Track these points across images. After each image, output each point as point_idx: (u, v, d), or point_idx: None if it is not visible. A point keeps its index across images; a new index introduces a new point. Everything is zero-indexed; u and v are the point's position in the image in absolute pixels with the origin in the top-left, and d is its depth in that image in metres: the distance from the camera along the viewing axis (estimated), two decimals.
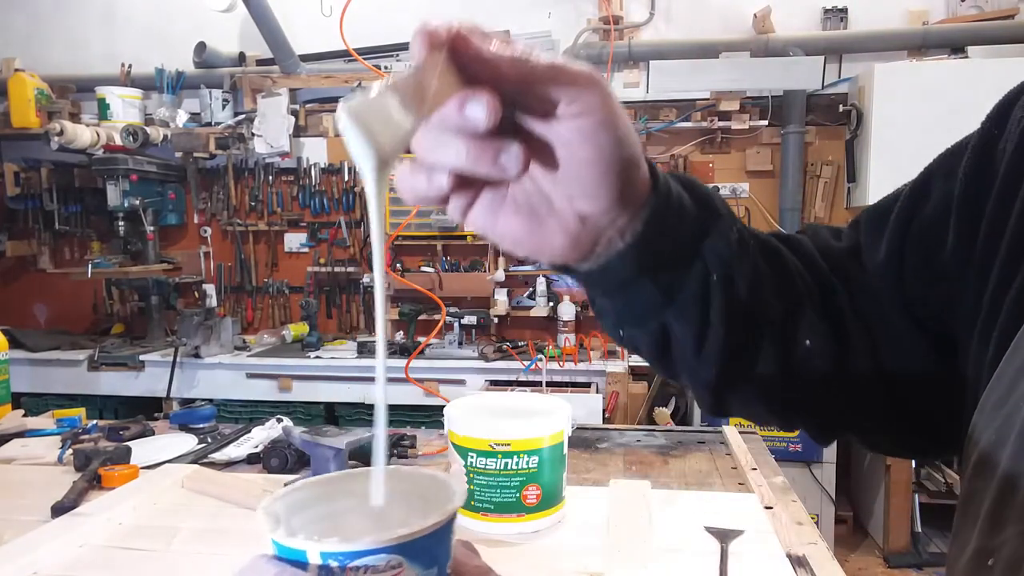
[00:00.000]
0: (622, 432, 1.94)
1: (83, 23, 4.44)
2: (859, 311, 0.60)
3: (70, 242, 4.52)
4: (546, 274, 4.03)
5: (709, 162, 3.97)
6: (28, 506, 1.32)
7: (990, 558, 0.43)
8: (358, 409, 3.66)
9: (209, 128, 4.14)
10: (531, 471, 1.18)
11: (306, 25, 4.17)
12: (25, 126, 4.09)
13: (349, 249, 4.29)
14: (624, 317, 0.57)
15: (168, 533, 1.21)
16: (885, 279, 0.60)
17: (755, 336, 0.57)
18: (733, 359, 0.56)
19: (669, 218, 0.51)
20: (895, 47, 3.72)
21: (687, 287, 0.53)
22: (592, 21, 3.98)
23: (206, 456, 1.67)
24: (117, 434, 1.76)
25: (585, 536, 1.18)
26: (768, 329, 0.57)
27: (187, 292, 4.42)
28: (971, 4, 3.75)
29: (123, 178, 3.87)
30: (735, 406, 0.63)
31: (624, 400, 3.43)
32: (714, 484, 1.52)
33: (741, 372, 0.58)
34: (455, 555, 0.46)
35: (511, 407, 1.29)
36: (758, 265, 0.56)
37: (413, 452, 1.68)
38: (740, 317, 0.55)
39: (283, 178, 4.35)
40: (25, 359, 3.79)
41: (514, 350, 3.68)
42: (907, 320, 0.59)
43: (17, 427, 1.84)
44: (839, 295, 0.61)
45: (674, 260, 0.52)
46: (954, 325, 0.56)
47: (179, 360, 3.67)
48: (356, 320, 4.32)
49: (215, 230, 4.43)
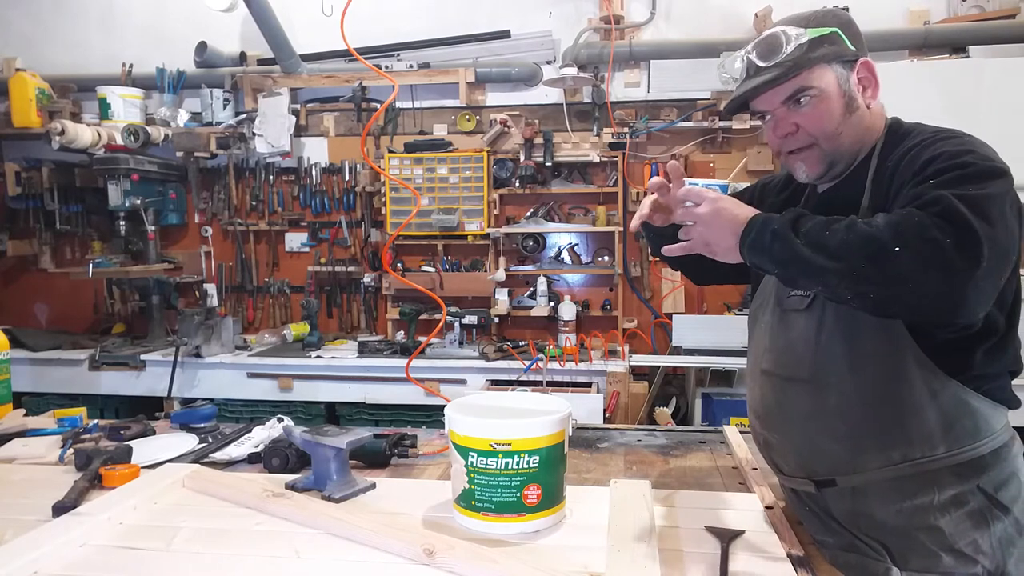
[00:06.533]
0: (623, 432, 1.94)
1: (84, 23, 4.45)
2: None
3: (71, 242, 4.52)
4: (546, 274, 4.03)
5: (710, 162, 3.97)
6: (29, 505, 1.33)
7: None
8: (359, 409, 3.66)
9: (210, 128, 4.14)
10: (531, 471, 1.18)
11: (307, 25, 4.18)
12: (26, 126, 4.09)
13: (350, 249, 4.29)
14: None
15: (168, 533, 1.21)
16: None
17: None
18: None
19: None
20: (896, 47, 3.71)
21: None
22: (593, 21, 3.98)
23: (207, 456, 1.68)
24: (118, 434, 1.76)
25: (585, 536, 1.18)
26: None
27: (188, 292, 4.42)
28: (972, 4, 3.74)
29: (124, 178, 3.87)
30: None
31: (625, 400, 3.43)
32: (714, 484, 1.52)
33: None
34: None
35: (511, 407, 1.29)
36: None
37: (414, 452, 1.69)
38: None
39: (284, 178, 4.35)
40: (26, 359, 3.79)
41: (515, 350, 3.68)
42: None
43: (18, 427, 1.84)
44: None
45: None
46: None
47: (180, 360, 3.67)
48: (357, 320, 4.32)
49: (216, 230, 4.44)
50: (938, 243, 0.95)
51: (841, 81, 1.19)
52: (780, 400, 1.30)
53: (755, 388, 1.37)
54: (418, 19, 4.14)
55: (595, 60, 3.94)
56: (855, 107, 1.20)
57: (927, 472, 1.15)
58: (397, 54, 4.12)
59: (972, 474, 1.15)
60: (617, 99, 4.02)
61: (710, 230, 1.12)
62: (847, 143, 1.21)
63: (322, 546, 1.16)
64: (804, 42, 1.17)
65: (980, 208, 0.97)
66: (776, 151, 1.28)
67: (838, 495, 1.23)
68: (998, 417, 1.18)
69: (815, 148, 1.22)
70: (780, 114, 1.22)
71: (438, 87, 4.13)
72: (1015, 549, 1.16)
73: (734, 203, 1.13)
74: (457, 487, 1.22)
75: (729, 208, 1.11)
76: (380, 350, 3.76)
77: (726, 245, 1.11)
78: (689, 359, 3.57)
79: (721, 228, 1.11)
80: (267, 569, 1.10)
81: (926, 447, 1.15)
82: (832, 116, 1.19)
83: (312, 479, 1.40)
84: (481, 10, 4.11)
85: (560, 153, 3.99)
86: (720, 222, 1.11)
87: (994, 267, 0.97)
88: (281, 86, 4.15)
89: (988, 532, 1.14)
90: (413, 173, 4.07)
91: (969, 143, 1.11)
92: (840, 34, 1.18)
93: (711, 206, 1.11)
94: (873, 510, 1.19)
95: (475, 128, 4.14)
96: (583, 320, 4.01)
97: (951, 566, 1.14)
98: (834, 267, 1.00)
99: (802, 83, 1.18)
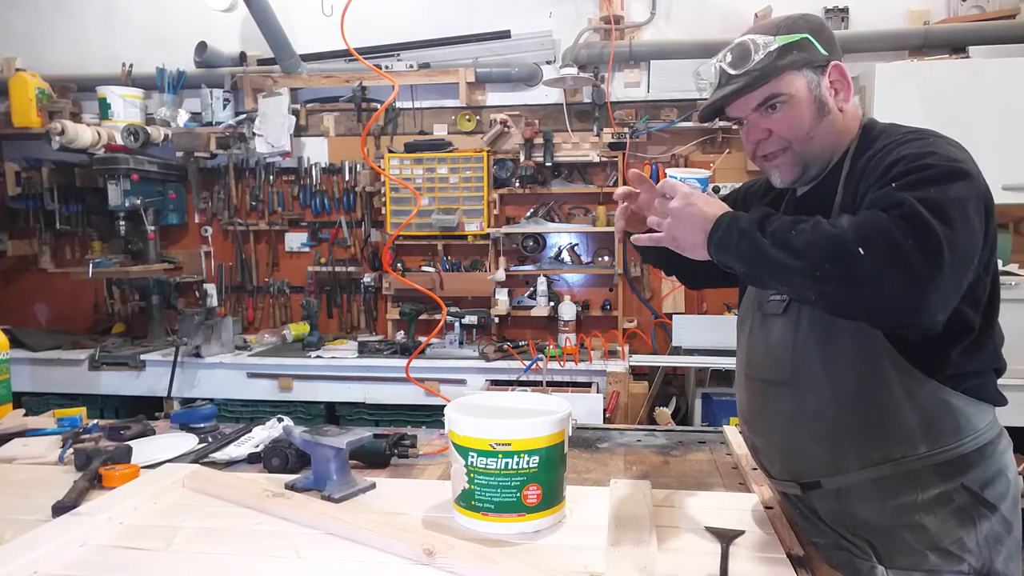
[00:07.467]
0: (622, 432, 1.94)
1: (84, 23, 4.45)
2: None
3: (71, 242, 4.52)
4: (546, 274, 4.03)
5: (710, 162, 3.97)
6: (29, 505, 1.32)
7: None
8: (359, 409, 3.66)
9: (210, 128, 4.14)
10: (531, 471, 1.18)
11: (307, 25, 4.17)
12: (26, 126, 4.09)
13: (350, 249, 4.29)
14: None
15: (168, 533, 1.21)
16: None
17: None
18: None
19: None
20: (896, 47, 3.71)
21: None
22: (593, 21, 3.98)
23: (207, 456, 1.68)
24: (118, 434, 1.76)
25: (585, 536, 1.18)
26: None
27: (188, 292, 4.42)
28: (972, 4, 3.74)
29: (124, 178, 3.86)
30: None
31: (625, 400, 3.43)
32: (714, 484, 1.52)
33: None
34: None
35: (511, 407, 1.29)
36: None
37: (414, 452, 1.69)
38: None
39: (284, 178, 4.35)
40: (26, 358, 3.79)
41: (515, 350, 3.68)
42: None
43: (18, 426, 1.84)
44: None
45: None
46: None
47: (180, 360, 3.67)
48: (357, 320, 4.32)
49: (216, 230, 4.43)
50: (900, 245, 0.96)
51: (812, 86, 1.20)
52: (763, 404, 1.32)
53: (741, 392, 1.39)
54: (418, 19, 4.14)
55: (595, 60, 3.94)
56: (827, 111, 1.22)
57: (910, 471, 1.16)
58: (397, 54, 4.12)
59: (956, 472, 1.15)
60: (617, 99, 4.02)
61: (679, 225, 1.13)
62: (820, 147, 1.23)
63: (322, 546, 1.16)
64: (773, 49, 1.19)
65: (942, 211, 0.98)
66: (751, 156, 1.30)
67: (823, 496, 1.24)
68: (981, 415, 1.18)
69: (789, 152, 1.24)
70: (753, 120, 1.24)
71: (438, 87, 4.13)
72: (1003, 547, 1.17)
73: (706, 200, 1.14)
74: (457, 487, 1.22)
75: (699, 205, 1.12)
76: (380, 350, 3.76)
77: (694, 241, 1.12)
78: (689, 359, 3.57)
79: (691, 224, 1.12)
80: (267, 569, 1.10)
81: (907, 446, 1.16)
82: (803, 121, 1.21)
83: (312, 479, 1.40)
84: (481, 10, 4.11)
85: (560, 153, 3.99)
86: (690, 218, 1.12)
87: (955, 271, 0.98)
88: (281, 86, 4.15)
89: (974, 530, 1.15)
90: (413, 173, 4.07)
91: (933, 144, 1.11)
92: (811, 40, 1.20)
93: (682, 201, 1.13)
94: (857, 510, 1.20)
95: (475, 128, 4.14)
96: (583, 320, 4.01)
97: (937, 564, 1.15)
98: (797, 266, 1.01)
99: (772, 90, 1.20)
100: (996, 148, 3.19)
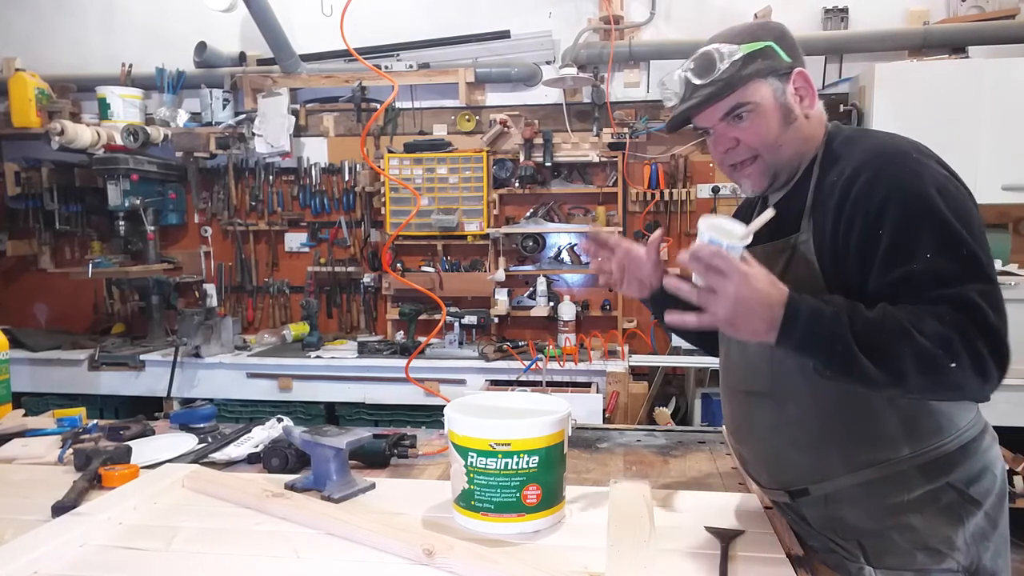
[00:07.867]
0: (622, 432, 1.94)
1: (83, 23, 4.44)
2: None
3: (71, 242, 4.52)
4: (546, 274, 4.03)
5: (709, 162, 3.97)
6: (29, 506, 1.32)
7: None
8: (358, 409, 3.66)
9: (209, 128, 4.14)
10: (531, 471, 1.18)
11: (306, 25, 4.17)
12: (26, 126, 4.09)
13: (349, 249, 4.29)
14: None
15: (168, 533, 1.21)
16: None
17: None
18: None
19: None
20: (895, 47, 3.71)
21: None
22: (592, 21, 3.98)
23: (206, 456, 1.68)
24: (117, 434, 1.76)
25: (585, 536, 1.18)
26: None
27: (187, 292, 4.42)
28: (972, 4, 3.74)
29: (124, 178, 3.86)
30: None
31: (624, 400, 3.43)
32: (714, 484, 1.52)
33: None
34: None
35: (511, 407, 1.29)
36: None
37: (413, 452, 1.68)
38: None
39: (283, 178, 4.35)
40: (25, 359, 3.79)
41: (514, 350, 3.68)
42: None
43: (18, 427, 1.84)
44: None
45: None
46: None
47: (179, 360, 3.67)
48: (356, 320, 4.32)
49: (215, 230, 4.43)
50: (981, 355, 1.01)
51: (777, 94, 1.20)
52: (745, 415, 1.33)
53: (727, 404, 1.41)
54: (418, 19, 4.14)
55: (595, 60, 3.94)
56: (793, 118, 1.22)
57: (895, 474, 1.17)
58: (397, 54, 4.12)
59: (941, 472, 1.16)
60: (617, 99, 4.02)
61: (738, 310, 1.00)
62: (788, 154, 1.23)
63: (321, 546, 1.16)
64: (738, 58, 1.19)
65: (999, 306, 1.04)
66: (720, 166, 1.30)
67: (812, 503, 1.26)
68: (963, 414, 1.19)
69: (759, 161, 1.24)
70: (720, 129, 1.24)
71: (438, 87, 4.13)
72: (990, 543, 1.18)
73: (765, 278, 1.01)
74: (457, 487, 1.22)
75: (761, 289, 1.00)
76: (380, 350, 3.76)
77: (754, 328, 1.02)
78: (689, 359, 3.58)
79: (752, 312, 1.00)
80: (266, 569, 1.10)
81: (890, 450, 1.17)
82: (770, 129, 1.21)
83: (312, 479, 1.40)
84: (481, 10, 4.11)
85: (560, 153, 3.99)
86: (752, 305, 1.00)
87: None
88: (281, 86, 4.15)
89: (961, 528, 1.16)
90: (413, 173, 4.07)
91: (916, 169, 1.10)
92: (775, 47, 1.21)
93: (744, 285, 0.99)
94: (846, 514, 1.21)
95: (475, 128, 4.14)
96: (583, 320, 4.01)
97: (925, 563, 1.16)
98: (886, 380, 1.02)
99: (739, 99, 1.19)
100: (996, 148, 3.20)
